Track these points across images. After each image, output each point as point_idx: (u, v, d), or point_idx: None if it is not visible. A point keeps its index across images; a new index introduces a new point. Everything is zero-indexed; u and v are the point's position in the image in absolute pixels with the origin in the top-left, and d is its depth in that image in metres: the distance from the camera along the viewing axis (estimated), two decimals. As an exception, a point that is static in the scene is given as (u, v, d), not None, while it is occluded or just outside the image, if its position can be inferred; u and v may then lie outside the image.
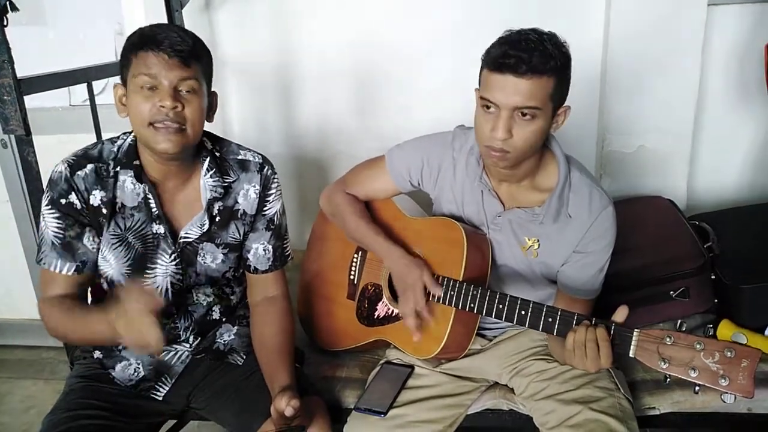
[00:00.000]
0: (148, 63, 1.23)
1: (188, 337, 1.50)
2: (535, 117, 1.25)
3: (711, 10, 2.01)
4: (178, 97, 1.26)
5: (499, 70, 1.23)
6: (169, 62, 1.23)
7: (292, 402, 1.25)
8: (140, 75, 1.24)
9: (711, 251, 1.78)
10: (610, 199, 1.41)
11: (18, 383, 2.62)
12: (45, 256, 1.35)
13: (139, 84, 1.25)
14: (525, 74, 1.21)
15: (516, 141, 1.26)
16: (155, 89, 1.24)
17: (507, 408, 1.52)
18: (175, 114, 1.25)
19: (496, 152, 1.28)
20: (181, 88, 1.26)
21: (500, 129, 1.25)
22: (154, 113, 1.25)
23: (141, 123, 1.27)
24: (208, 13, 2.32)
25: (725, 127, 2.20)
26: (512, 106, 1.23)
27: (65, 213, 1.33)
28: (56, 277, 1.35)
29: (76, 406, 1.37)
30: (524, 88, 1.22)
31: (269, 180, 1.47)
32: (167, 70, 1.24)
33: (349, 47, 2.28)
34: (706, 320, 1.73)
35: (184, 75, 1.25)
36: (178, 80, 1.25)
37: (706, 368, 1.06)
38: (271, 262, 1.51)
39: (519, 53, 1.21)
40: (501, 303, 1.33)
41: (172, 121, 1.25)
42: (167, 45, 1.23)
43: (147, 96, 1.25)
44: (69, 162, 1.34)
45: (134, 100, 1.26)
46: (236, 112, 2.42)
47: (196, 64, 1.28)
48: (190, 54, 1.26)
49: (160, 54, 1.23)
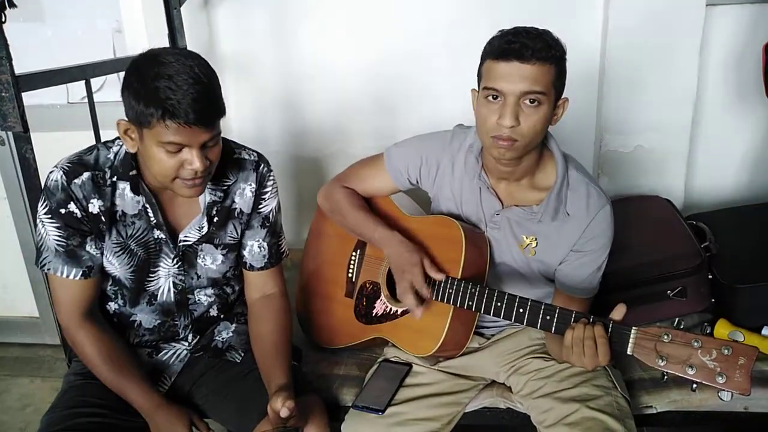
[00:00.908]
0: (176, 132, 1.17)
1: (187, 335, 1.51)
2: (540, 103, 1.26)
3: (709, 10, 2.01)
4: (205, 153, 1.24)
5: (505, 57, 1.24)
6: (197, 130, 1.18)
7: (287, 403, 1.25)
8: (166, 143, 1.19)
9: (708, 251, 1.79)
10: (608, 198, 1.42)
11: (15, 381, 2.61)
12: (49, 262, 1.34)
13: (162, 147, 1.20)
14: (530, 60, 1.22)
15: (523, 128, 1.27)
16: (180, 149, 1.21)
17: (504, 406, 1.53)
18: (203, 170, 1.24)
19: (504, 141, 1.28)
20: (207, 144, 1.23)
21: (508, 116, 1.25)
22: (181, 172, 1.23)
23: (164, 176, 1.24)
24: (207, 11, 2.31)
25: (723, 127, 2.21)
26: (519, 92, 1.24)
27: (65, 224, 1.31)
28: (65, 282, 1.35)
29: (75, 404, 1.37)
30: (530, 73, 1.23)
31: (265, 178, 1.47)
32: (196, 137, 1.19)
33: (348, 47, 2.28)
34: (703, 320, 1.74)
35: (211, 135, 1.22)
36: (205, 141, 1.22)
37: (703, 366, 1.06)
38: (267, 259, 1.51)
39: (523, 40, 1.23)
40: (499, 301, 1.33)
41: (199, 176, 1.25)
42: (193, 116, 1.16)
43: (171, 155, 1.21)
44: (64, 169, 1.30)
45: (155, 155, 1.21)
46: (234, 110, 2.42)
47: (219, 117, 1.24)
48: (215, 113, 1.22)
49: (188, 126, 1.17)
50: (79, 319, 1.37)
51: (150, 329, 1.48)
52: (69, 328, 1.38)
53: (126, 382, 1.36)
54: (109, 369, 1.36)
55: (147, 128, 1.19)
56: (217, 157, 1.29)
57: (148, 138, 1.20)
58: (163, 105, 1.14)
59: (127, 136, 1.26)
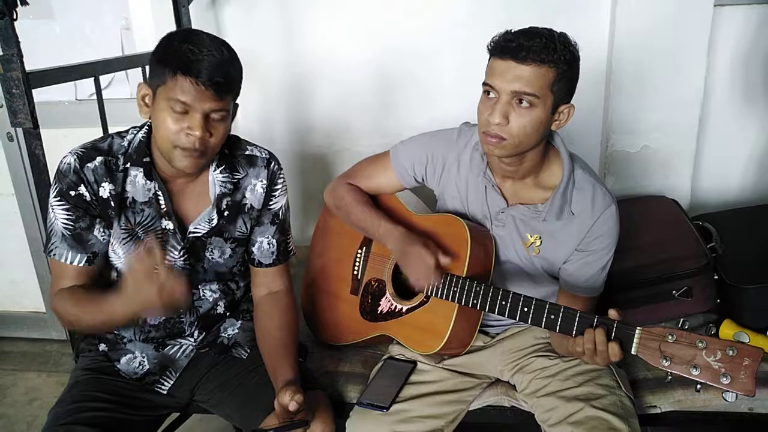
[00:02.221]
0: (184, 90, 1.21)
1: (193, 331, 1.51)
2: (533, 106, 1.26)
3: (717, 10, 2.01)
4: (208, 126, 1.26)
5: (501, 55, 1.25)
6: (206, 93, 1.22)
7: (296, 397, 1.26)
8: (173, 99, 1.22)
9: (714, 251, 1.78)
10: (614, 198, 1.42)
11: (22, 375, 2.63)
12: (55, 248, 1.35)
13: (170, 105, 1.23)
14: (524, 60, 1.23)
15: (512, 128, 1.27)
16: (185, 113, 1.24)
17: (509, 405, 1.53)
18: (202, 142, 1.26)
19: (492, 137, 1.29)
20: (211, 116, 1.26)
21: (496, 113, 1.26)
22: (181, 138, 1.25)
23: (165, 140, 1.27)
24: (215, 9, 2.32)
25: (730, 127, 2.20)
26: (510, 91, 1.25)
27: (75, 205, 1.33)
28: (67, 268, 1.36)
29: (82, 399, 1.38)
30: (523, 73, 1.23)
31: (275, 175, 1.48)
32: (202, 101, 1.23)
33: (355, 44, 2.28)
34: (708, 320, 1.74)
35: (218, 106, 1.25)
36: (210, 111, 1.25)
37: (707, 366, 1.06)
38: (275, 256, 1.51)
39: (521, 40, 1.23)
40: (504, 299, 1.33)
41: (197, 148, 1.26)
42: (206, 76, 1.20)
43: (176, 118, 1.24)
44: (78, 153, 1.33)
45: (161, 115, 1.25)
46: (241, 107, 2.39)
47: (228, 95, 1.27)
48: (227, 85, 1.25)
49: (198, 84, 1.21)
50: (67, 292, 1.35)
51: (155, 326, 1.48)
52: (52, 298, 1.37)
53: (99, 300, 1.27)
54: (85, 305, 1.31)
55: (162, 85, 1.23)
56: (219, 139, 1.30)
57: (160, 96, 1.24)
58: (181, 60, 1.20)
59: (143, 103, 1.30)
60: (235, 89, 1.30)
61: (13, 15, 1.39)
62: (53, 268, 1.38)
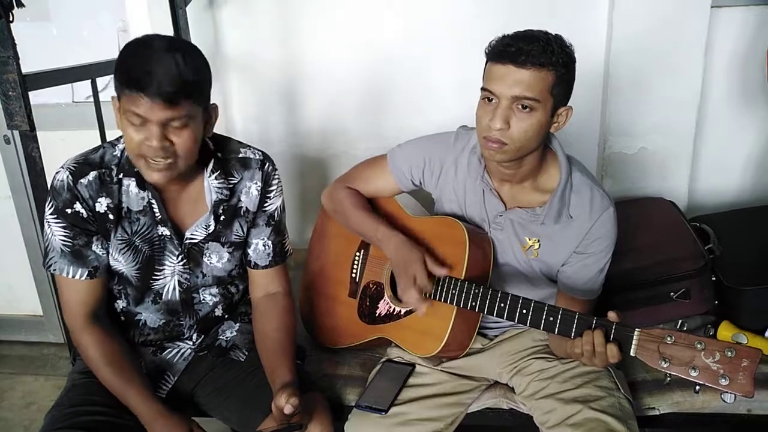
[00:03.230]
0: (137, 104, 1.18)
1: (191, 334, 1.51)
2: (533, 110, 1.26)
3: (714, 12, 2.01)
4: (167, 134, 1.22)
5: (500, 60, 1.25)
6: (156, 106, 1.17)
7: (291, 400, 1.25)
8: (129, 112, 1.20)
9: (712, 253, 1.78)
10: (611, 201, 1.42)
11: (19, 379, 2.62)
12: (55, 263, 1.35)
13: (127, 117, 1.21)
14: (524, 65, 1.22)
15: (513, 132, 1.27)
16: (144, 125, 1.21)
17: (507, 407, 1.53)
18: (164, 150, 1.22)
19: (493, 143, 1.29)
20: (171, 124, 1.22)
21: (497, 118, 1.26)
22: (144, 148, 1.22)
23: (131, 152, 1.26)
24: (212, 11, 2.32)
25: (727, 129, 2.20)
26: (511, 96, 1.25)
27: (71, 223, 1.32)
28: (71, 283, 1.36)
29: (79, 402, 1.38)
30: (523, 78, 1.23)
31: (270, 176, 1.47)
32: (154, 112, 1.18)
33: (352, 47, 2.28)
34: (706, 322, 1.73)
35: (173, 115, 1.20)
36: (166, 120, 1.21)
37: (706, 368, 1.06)
38: (271, 257, 1.51)
39: (520, 44, 1.23)
40: (502, 302, 1.33)
41: (161, 157, 1.23)
42: (154, 90, 1.16)
43: (136, 129, 1.21)
44: (70, 169, 1.31)
45: (125, 128, 1.23)
46: (238, 110, 2.42)
47: (186, 100, 1.21)
48: (178, 94, 1.19)
49: (148, 98, 1.17)
50: (85, 321, 1.38)
51: (155, 329, 1.48)
52: (74, 329, 1.39)
53: (128, 387, 1.35)
54: (111, 373, 1.36)
55: (120, 99, 1.22)
56: (186, 144, 1.25)
57: (122, 110, 1.23)
58: (128, 75, 1.18)
59: (118, 113, 1.28)
60: (194, 95, 1.23)
61: (9, 17, 1.39)
62: (60, 284, 1.38)
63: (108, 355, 1.37)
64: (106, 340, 1.38)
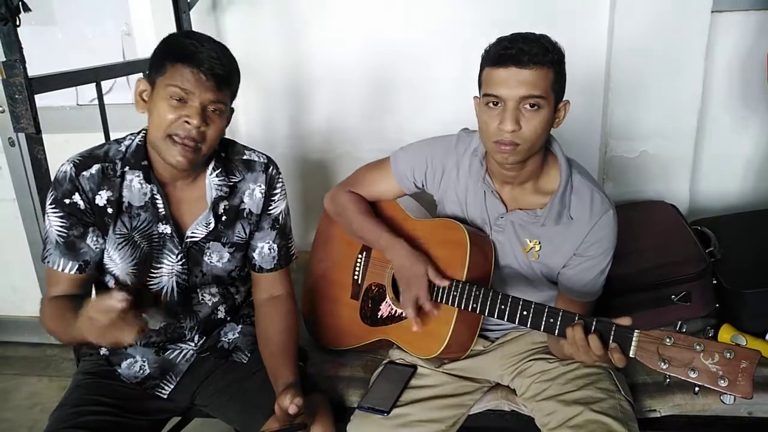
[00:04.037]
0: (184, 77, 1.24)
1: (193, 336, 1.52)
2: (540, 107, 1.28)
3: (715, 17, 2.02)
4: (205, 117, 1.27)
5: (502, 63, 1.26)
6: (206, 83, 1.25)
7: (295, 400, 1.26)
8: (173, 86, 1.24)
9: (712, 256, 1.79)
10: (612, 203, 1.43)
11: (23, 380, 2.63)
12: (49, 255, 1.36)
13: (168, 93, 1.25)
14: (527, 65, 1.24)
15: (525, 132, 1.28)
16: (184, 103, 1.25)
17: (509, 409, 1.53)
18: (198, 133, 1.27)
19: (507, 146, 1.29)
20: (209, 108, 1.28)
21: (508, 120, 1.27)
22: (177, 126, 1.26)
23: (160, 130, 1.27)
24: (215, 15, 2.33)
25: (728, 132, 2.21)
26: (518, 97, 1.26)
27: (68, 213, 1.34)
28: (59, 275, 1.37)
29: (83, 402, 1.39)
30: (528, 78, 1.25)
31: (274, 180, 1.49)
32: (202, 91, 1.25)
33: (355, 50, 2.29)
34: (706, 325, 1.74)
35: (216, 98, 1.27)
36: (208, 102, 1.26)
37: (705, 369, 1.07)
38: (276, 261, 1.52)
39: (520, 45, 1.25)
40: (503, 303, 1.34)
41: (192, 139, 1.27)
42: (207, 66, 1.24)
43: (174, 106, 1.25)
44: (75, 162, 1.34)
45: (159, 105, 1.26)
46: (242, 112, 2.43)
47: (227, 88, 1.30)
48: (225, 79, 1.28)
49: (199, 73, 1.24)
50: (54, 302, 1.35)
51: (156, 331, 1.49)
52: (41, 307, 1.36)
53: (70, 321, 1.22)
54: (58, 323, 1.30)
55: (161, 76, 1.26)
56: (215, 134, 1.31)
57: (159, 86, 1.27)
58: (183, 51, 1.25)
59: (141, 98, 1.32)
60: (233, 86, 1.33)
61: (16, 21, 1.40)
62: (47, 275, 1.39)
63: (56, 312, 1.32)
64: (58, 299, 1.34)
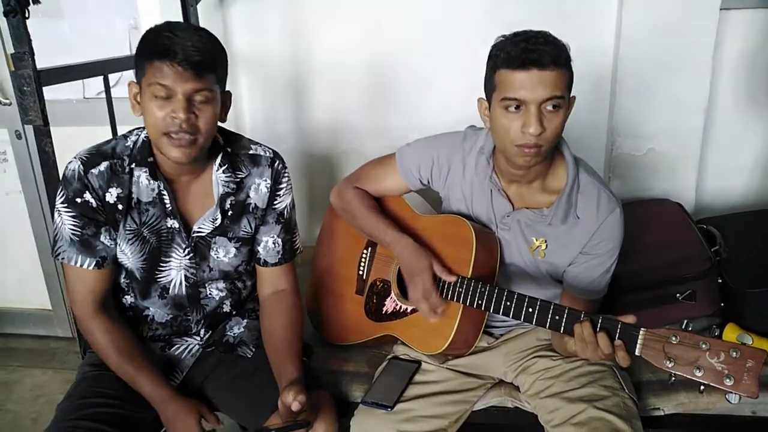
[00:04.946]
0: (163, 73, 1.22)
1: (199, 330, 1.53)
2: (560, 107, 1.27)
3: (723, 14, 2.01)
4: (192, 108, 1.26)
5: (523, 66, 1.24)
6: (184, 74, 1.22)
7: (298, 397, 1.26)
8: (154, 84, 1.23)
9: (718, 255, 1.78)
10: (618, 202, 1.42)
11: (27, 372, 2.65)
12: (63, 251, 1.36)
13: (153, 92, 1.24)
14: (548, 66, 1.23)
15: (548, 134, 1.28)
16: (169, 99, 1.24)
17: (512, 405, 1.54)
18: (189, 125, 1.25)
19: (531, 149, 1.29)
20: (195, 98, 1.26)
21: (534, 124, 1.25)
22: (168, 123, 1.25)
23: (155, 130, 1.27)
24: (222, 10, 2.33)
25: (735, 131, 2.20)
26: (541, 99, 1.25)
27: (81, 213, 1.34)
28: (81, 272, 1.37)
29: (89, 395, 1.39)
30: (550, 79, 1.24)
31: (280, 174, 1.49)
32: (181, 83, 1.22)
33: (361, 46, 2.29)
34: (711, 323, 1.73)
35: (199, 86, 1.24)
36: (192, 91, 1.24)
37: (711, 368, 1.07)
38: (281, 255, 1.52)
39: (539, 47, 1.23)
40: (509, 300, 1.34)
41: (185, 132, 1.26)
42: (181, 57, 1.21)
43: (161, 105, 1.24)
44: (82, 159, 1.34)
45: (148, 106, 1.26)
46: (248, 107, 2.44)
47: (210, 74, 1.26)
48: (204, 65, 1.24)
49: (174, 66, 1.21)
50: (92, 309, 1.39)
51: (163, 323, 1.50)
52: (82, 317, 1.40)
53: (137, 372, 1.38)
54: (121, 359, 1.38)
55: (143, 76, 1.25)
56: (207, 123, 1.29)
57: (144, 88, 1.26)
58: (156, 47, 1.22)
59: (135, 101, 1.31)
60: (218, 70, 1.29)
61: (25, 13, 1.40)
62: (67, 273, 1.39)
63: (117, 342, 1.39)
64: (114, 328, 1.40)
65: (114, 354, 1.39)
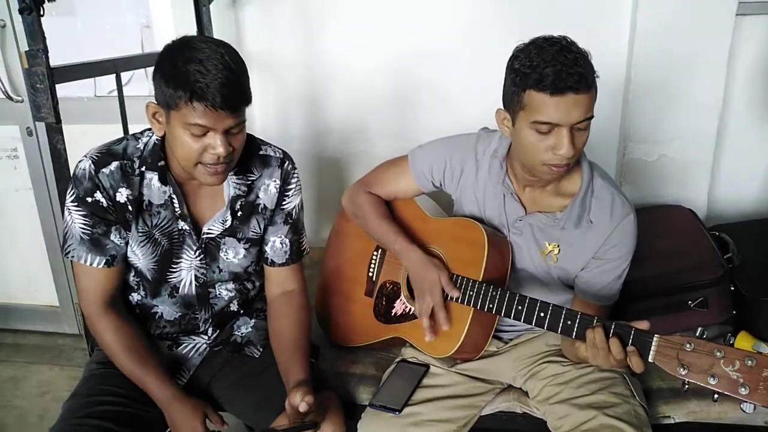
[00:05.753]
0: (200, 113, 1.19)
1: (207, 329, 1.52)
2: (589, 126, 1.27)
3: (739, 19, 1.99)
4: (230, 139, 1.26)
5: (560, 92, 1.20)
6: (223, 114, 1.20)
7: (306, 398, 1.26)
8: (191, 124, 1.21)
9: (730, 262, 1.77)
10: (632, 207, 1.41)
11: (34, 368, 2.65)
12: (74, 250, 1.36)
13: (188, 130, 1.22)
14: (583, 89, 1.21)
15: (576, 150, 1.27)
16: (205, 134, 1.23)
17: (521, 411, 1.52)
18: (227, 156, 1.26)
19: (561, 168, 1.29)
20: (232, 130, 1.26)
21: (567, 146, 1.24)
22: (205, 156, 1.25)
23: (187, 160, 1.26)
24: (235, 9, 2.34)
25: (748, 137, 2.18)
26: (575, 122, 1.23)
27: (91, 212, 1.34)
28: (90, 270, 1.37)
29: (96, 392, 1.39)
30: (584, 102, 1.22)
31: (289, 175, 1.48)
32: (220, 121, 1.21)
33: (372, 48, 2.28)
34: (723, 331, 1.72)
35: (236, 121, 1.24)
36: (230, 127, 1.24)
37: (725, 376, 1.05)
38: (288, 255, 1.52)
39: (576, 70, 1.20)
40: (520, 304, 1.33)
41: (221, 164, 1.26)
42: (221, 100, 1.18)
43: (196, 139, 1.23)
44: (93, 158, 1.33)
45: (180, 138, 1.24)
46: (259, 109, 2.44)
47: (244, 106, 1.26)
48: (240, 100, 1.24)
49: (214, 108, 1.19)
50: (101, 307, 1.39)
51: (171, 321, 1.50)
52: (91, 316, 1.40)
53: (145, 372, 1.38)
54: (128, 358, 1.38)
55: (175, 110, 1.22)
56: (240, 146, 1.31)
57: (175, 120, 1.23)
58: (192, 87, 1.17)
59: (155, 120, 1.29)
60: (248, 96, 1.27)
61: (40, 11, 1.41)
62: (77, 271, 1.39)
63: (125, 341, 1.39)
64: (123, 326, 1.40)
65: (121, 353, 1.39)
